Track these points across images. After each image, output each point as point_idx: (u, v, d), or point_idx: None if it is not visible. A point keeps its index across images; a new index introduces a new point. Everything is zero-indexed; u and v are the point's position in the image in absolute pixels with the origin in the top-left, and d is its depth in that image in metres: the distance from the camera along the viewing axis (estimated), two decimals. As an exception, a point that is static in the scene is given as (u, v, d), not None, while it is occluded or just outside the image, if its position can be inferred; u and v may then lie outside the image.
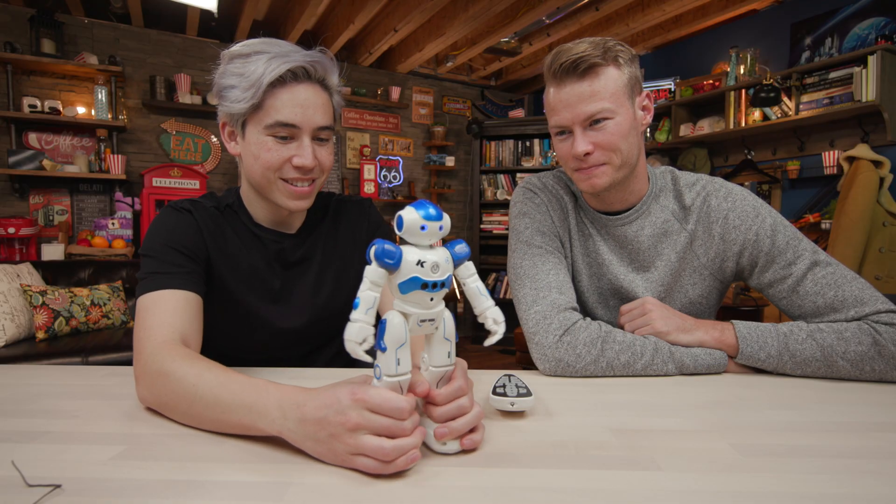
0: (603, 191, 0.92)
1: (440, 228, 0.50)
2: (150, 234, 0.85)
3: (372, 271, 0.49)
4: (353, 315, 0.49)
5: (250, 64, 0.80)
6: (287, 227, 0.96)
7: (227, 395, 0.59)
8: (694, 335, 0.87)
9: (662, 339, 0.87)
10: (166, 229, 0.84)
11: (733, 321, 0.88)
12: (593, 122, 0.87)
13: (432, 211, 0.50)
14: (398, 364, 0.50)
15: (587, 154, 0.88)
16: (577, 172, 0.92)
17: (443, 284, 0.51)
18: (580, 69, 0.85)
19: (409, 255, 0.49)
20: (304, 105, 0.82)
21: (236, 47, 0.83)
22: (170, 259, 0.81)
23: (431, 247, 0.51)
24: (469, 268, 0.55)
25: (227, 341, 0.92)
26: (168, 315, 0.75)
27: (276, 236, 0.94)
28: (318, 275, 0.97)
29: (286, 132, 0.83)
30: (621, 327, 0.92)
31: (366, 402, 0.49)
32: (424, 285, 0.49)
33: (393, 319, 0.50)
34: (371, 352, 0.50)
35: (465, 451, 0.55)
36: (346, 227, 1.02)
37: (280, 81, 0.80)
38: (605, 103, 0.85)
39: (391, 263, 0.49)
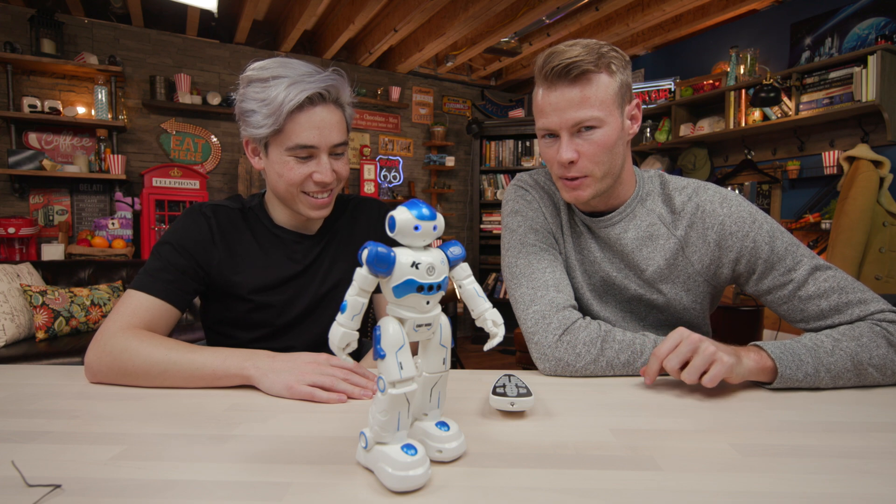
0: (587, 201, 0.92)
1: (434, 228, 0.48)
2: (166, 232, 0.96)
3: (362, 277, 0.47)
4: (339, 318, 0.48)
5: (270, 89, 0.86)
6: (306, 230, 1.04)
7: (199, 356, 0.78)
8: (743, 361, 0.76)
9: (730, 370, 0.73)
10: (179, 231, 0.95)
11: (756, 343, 0.80)
12: (581, 129, 0.86)
13: (425, 210, 0.48)
14: (401, 368, 0.47)
15: (572, 162, 0.88)
16: (562, 181, 0.92)
17: (439, 287, 0.49)
18: (572, 74, 0.84)
19: (403, 256, 0.47)
20: (321, 127, 0.90)
21: (253, 71, 0.89)
22: (168, 264, 0.91)
23: (426, 248, 0.50)
24: (465, 269, 0.54)
25: (240, 332, 1.00)
26: (142, 310, 0.86)
27: (295, 237, 1.03)
28: (330, 269, 1.04)
29: (306, 153, 0.90)
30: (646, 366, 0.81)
31: (330, 359, 0.75)
32: (420, 288, 0.47)
33: (388, 325, 0.48)
34: (354, 354, 0.51)
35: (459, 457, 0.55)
36: (363, 226, 1.09)
37: (298, 107, 0.87)
38: (594, 111, 0.85)
39: (383, 270, 0.47)
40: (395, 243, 0.49)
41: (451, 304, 4.35)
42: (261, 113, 0.87)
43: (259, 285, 0.97)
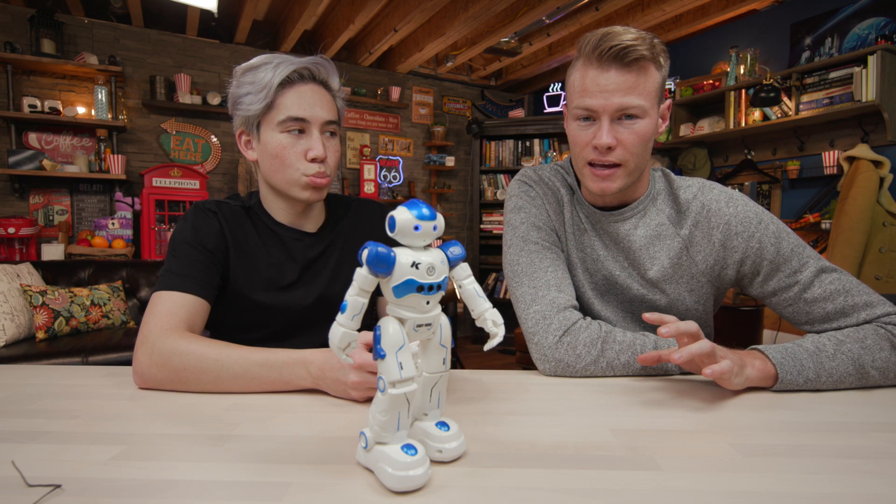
0: (614, 192, 0.90)
1: (434, 228, 0.48)
2: (177, 232, 0.94)
3: (362, 277, 0.47)
4: (339, 318, 0.48)
5: (260, 72, 0.91)
6: (306, 226, 1.03)
7: (252, 365, 0.75)
8: (745, 371, 0.76)
9: (713, 354, 0.72)
10: (191, 229, 0.94)
11: (758, 347, 0.80)
12: (623, 116, 0.84)
13: (425, 210, 0.48)
14: (401, 368, 0.47)
15: (609, 148, 0.85)
16: (591, 169, 0.89)
17: (439, 287, 0.49)
18: (628, 58, 0.82)
19: (403, 256, 0.47)
20: (311, 102, 0.92)
21: (246, 63, 0.94)
22: (190, 260, 0.90)
23: (426, 248, 0.50)
24: (465, 269, 0.54)
25: (241, 332, 0.98)
26: (177, 308, 0.85)
27: (296, 234, 1.02)
28: (335, 270, 1.03)
29: (297, 126, 0.92)
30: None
31: (360, 365, 0.68)
32: (420, 288, 0.47)
33: (388, 325, 0.48)
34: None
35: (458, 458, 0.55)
36: (367, 227, 1.09)
37: (288, 82, 0.91)
38: (640, 100, 0.83)
39: (383, 270, 0.47)
40: (395, 243, 0.49)
41: (451, 304, 4.35)
42: (252, 92, 0.91)
43: (262, 283, 0.97)
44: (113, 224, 3.58)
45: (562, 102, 4.87)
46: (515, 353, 3.02)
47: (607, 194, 0.90)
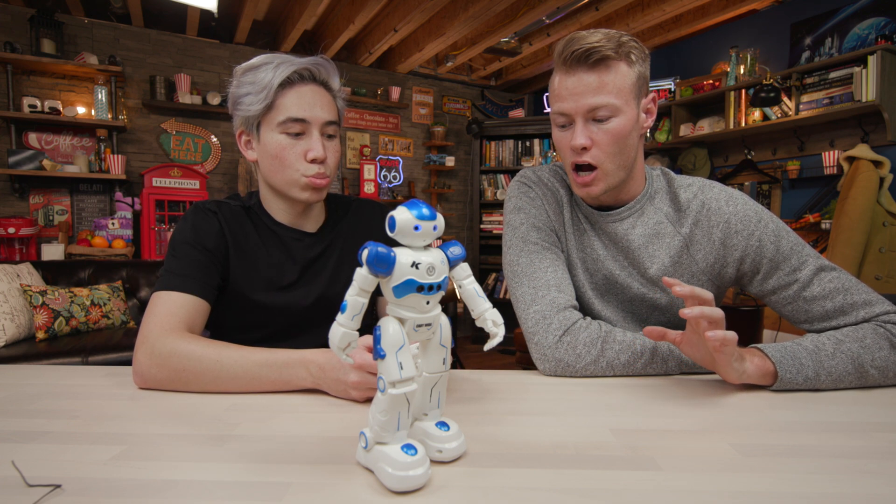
0: (598, 196, 0.92)
1: (434, 228, 0.48)
2: (177, 232, 0.94)
3: (362, 277, 0.47)
4: (339, 318, 0.47)
5: (260, 72, 0.91)
6: (306, 226, 1.03)
7: (252, 365, 0.75)
8: (745, 364, 0.77)
9: (722, 322, 0.72)
10: (191, 229, 0.94)
11: (757, 346, 0.80)
12: (596, 116, 0.86)
13: (425, 210, 0.48)
14: (401, 368, 0.47)
15: (584, 148, 0.87)
16: (574, 175, 0.91)
17: (439, 287, 0.49)
18: (591, 60, 0.83)
19: (403, 256, 0.47)
20: (311, 103, 0.92)
21: (246, 63, 0.94)
22: (190, 260, 0.90)
23: (426, 248, 0.50)
24: (465, 269, 0.54)
25: (241, 332, 0.98)
26: (177, 308, 0.84)
27: (296, 234, 1.02)
28: (335, 270, 1.03)
29: (297, 127, 0.92)
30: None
31: (360, 365, 0.68)
32: (420, 288, 0.47)
33: (388, 325, 0.48)
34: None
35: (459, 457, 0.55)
36: (367, 227, 1.09)
37: (288, 82, 0.91)
38: (610, 98, 0.84)
39: (383, 270, 0.47)
40: (395, 243, 0.49)
41: (451, 304, 4.35)
42: (253, 92, 0.91)
43: (262, 284, 0.97)
44: (113, 224, 3.58)
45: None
46: (515, 353, 3.02)
47: (593, 197, 0.92)
